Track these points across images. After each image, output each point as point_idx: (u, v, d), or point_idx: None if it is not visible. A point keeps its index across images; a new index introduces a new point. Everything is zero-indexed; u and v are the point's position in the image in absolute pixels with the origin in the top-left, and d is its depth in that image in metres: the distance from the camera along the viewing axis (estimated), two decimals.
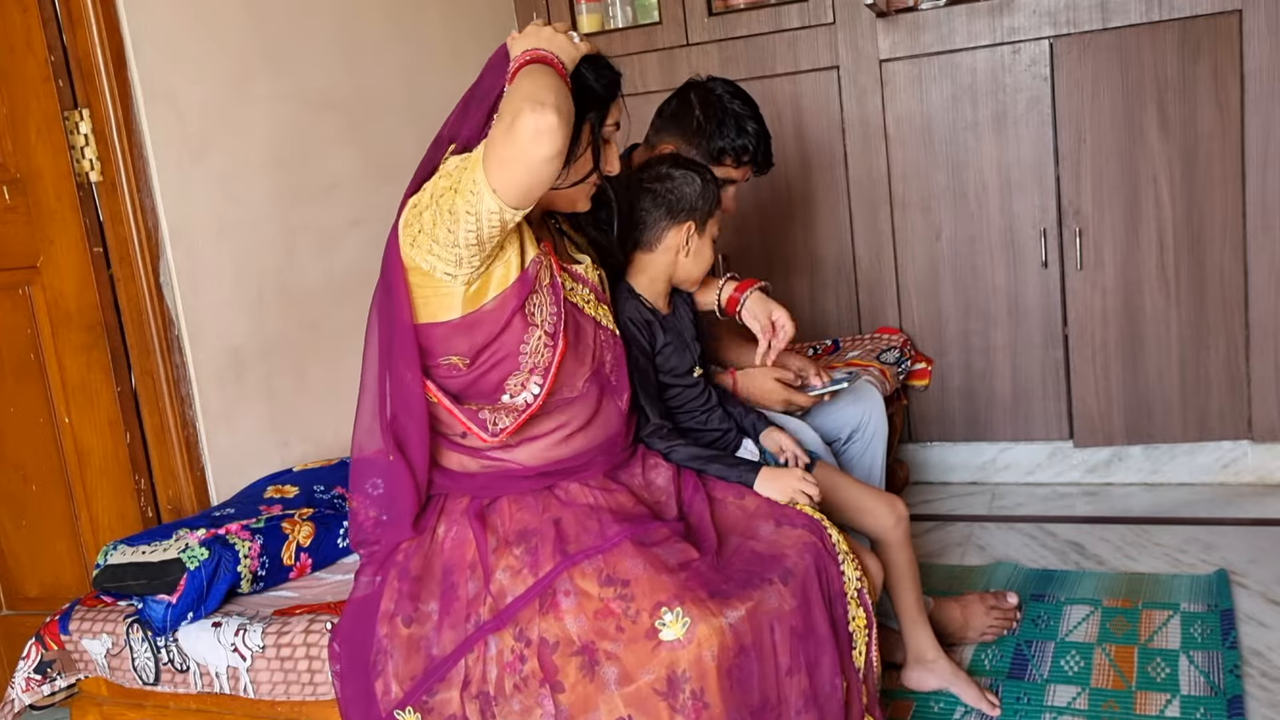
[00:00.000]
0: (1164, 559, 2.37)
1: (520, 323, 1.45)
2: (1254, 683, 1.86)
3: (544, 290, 1.47)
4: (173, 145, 2.04)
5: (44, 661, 1.75)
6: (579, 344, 1.53)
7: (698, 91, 2.06)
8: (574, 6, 3.07)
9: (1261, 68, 2.49)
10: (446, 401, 1.48)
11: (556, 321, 1.47)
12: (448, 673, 1.42)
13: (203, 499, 2.09)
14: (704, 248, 1.80)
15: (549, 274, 1.49)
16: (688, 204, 1.76)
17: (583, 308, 1.57)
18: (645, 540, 1.44)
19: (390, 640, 1.46)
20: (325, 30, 2.41)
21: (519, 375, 1.47)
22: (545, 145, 1.28)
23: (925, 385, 2.83)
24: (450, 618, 1.45)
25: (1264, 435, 2.64)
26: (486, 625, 1.42)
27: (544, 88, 1.30)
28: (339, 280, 2.38)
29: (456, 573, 1.48)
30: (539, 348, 1.46)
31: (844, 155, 2.87)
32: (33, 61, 1.99)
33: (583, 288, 1.59)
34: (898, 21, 2.75)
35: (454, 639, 1.44)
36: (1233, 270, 2.59)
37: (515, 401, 1.48)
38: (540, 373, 1.47)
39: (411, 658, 1.45)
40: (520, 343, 1.46)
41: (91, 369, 2.08)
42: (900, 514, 1.83)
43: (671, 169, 1.77)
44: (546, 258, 1.50)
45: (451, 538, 1.51)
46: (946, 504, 2.83)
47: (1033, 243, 2.74)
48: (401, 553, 1.52)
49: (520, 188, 1.32)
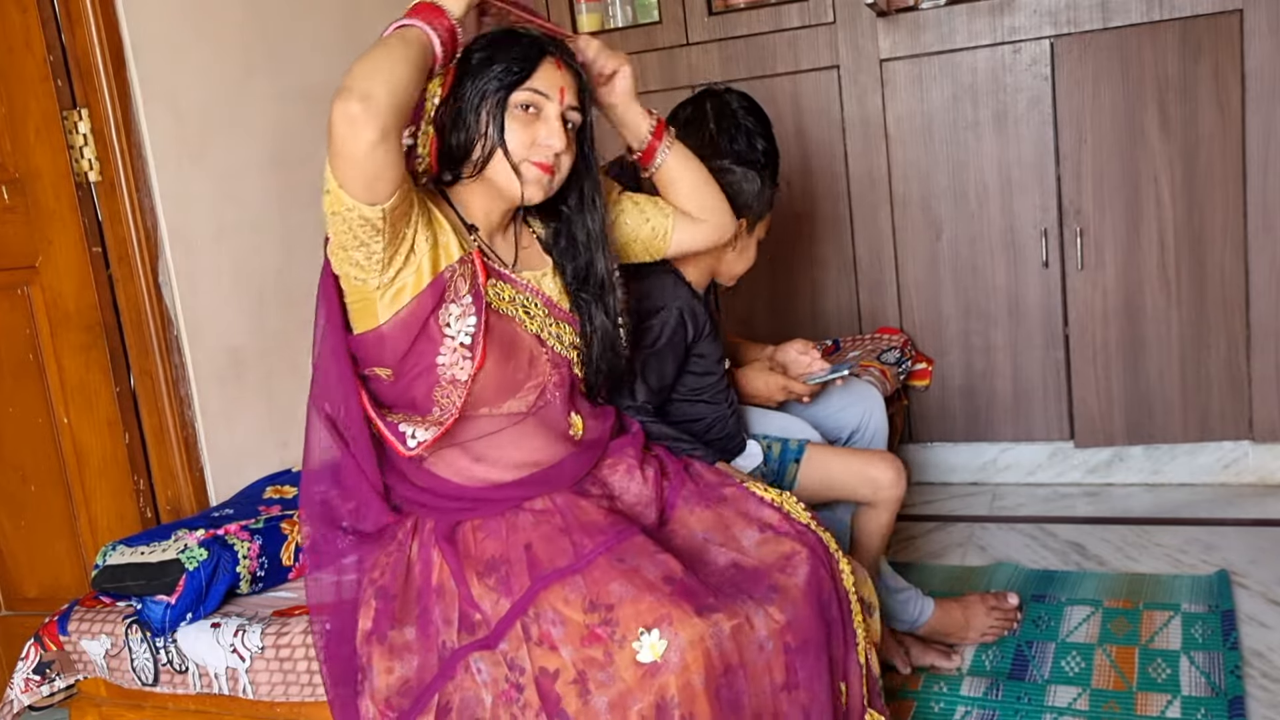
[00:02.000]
0: (1165, 559, 2.36)
1: (435, 332, 1.40)
2: (1255, 683, 1.86)
3: (462, 300, 1.40)
4: (172, 145, 2.03)
5: (43, 662, 1.74)
6: (508, 360, 1.45)
7: (713, 102, 2.05)
8: (574, 6, 3.06)
9: (1262, 67, 2.48)
10: (370, 408, 1.44)
11: (475, 333, 1.40)
12: (428, 701, 1.39)
13: (202, 499, 2.09)
14: (750, 246, 1.89)
15: (467, 283, 1.42)
16: (744, 201, 1.82)
17: (520, 321, 1.48)
18: (623, 555, 1.39)
19: (369, 659, 1.43)
20: (325, 30, 2.40)
21: (441, 387, 1.42)
22: (362, 133, 1.23)
23: (926, 385, 2.83)
24: (426, 641, 1.42)
25: (1265, 435, 2.64)
26: (460, 651, 1.38)
27: (367, 68, 1.26)
28: None
29: (427, 596, 1.44)
30: (457, 360, 1.41)
31: (844, 155, 2.86)
32: (32, 61, 1.99)
33: (531, 299, 1.50)
34: (898, 21, 2.75)
35: (429, 664, 1.40)
36: (1234, 270, 2.59)
37: (443, 415, 1.43)
38: (460, 386, 1.41)
39: (387, 679, 1.41)
40: (436, 353, 1.40)
41: (90, 369, 2.08)
42: (899, 475, 1.87)
43: (734, 164, 1.79)
44: (466, 266, 1.41)
45: (422, 560, 1.46)
46: (947, 504, 2.82)
47: (1033, 243, 2.74)
48: (378, 569, 1.47)
49: (358, 181, 1.26)
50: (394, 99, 1.26)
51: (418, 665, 1.41)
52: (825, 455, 1.91)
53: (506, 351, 1.45)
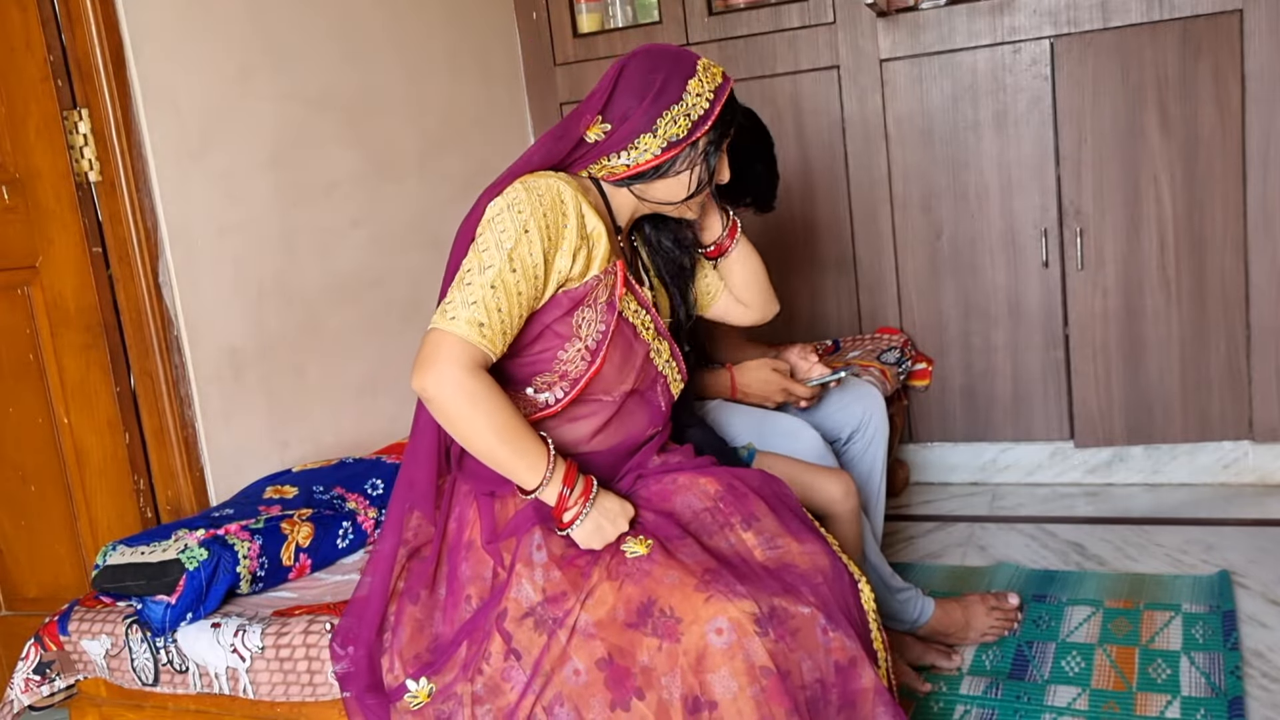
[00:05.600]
0: (1165, 560, 2.36)
1: (565, 330, 1.46)
2: (1255, 684, 1.86)
3: (598, 306, 1.48)
4: (172, 145, 2.03)
5: (43, 662, 1.74)
6: (625, 364, 1.52)
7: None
8: (574, 6, 3.06)
9: (1262, 67, 2.49)
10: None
11: (601, 339, 1.48)
12: (453, 653, 1.42)
13: (202, 499, 2.09)
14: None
15: (608, 292, 1.49)
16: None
17: (640, 331, 1.55)
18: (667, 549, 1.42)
19: (398, 618, 1.47)
20: (325, 30, 2.40)
21: (547, 376, 1.49)
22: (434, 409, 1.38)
23: (926, 385, 2.83)
24: (453, 597, 1.46)
25: (1265, 435, 2.64)
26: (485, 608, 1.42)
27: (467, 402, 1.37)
28: (339, 280, 2.38)
29: (456, 553, 1.48)
30: (575, 358, 1.48)
31: (844, 155, 2.86)
32: (32, 61, 1.99)
33: (644, 313, 1.56)
34: (898, 21, 2.75)
35: (454, 619, 1.44)
36: (1233, 270, 2.59)
37: (537, 398, 1.49)
38: (569, 381, 1.48)
39: (416, 638, 1.45)
40: (559, 349, 1.47)
41: (90, 369, 2.08)
42: (849, 488, 1.84)
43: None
44: (610, 276, 1.49)
45: (455, 517, 1.51)
46: (947, 504, 2.82)
47: (1033, 243, 2.74)
48: (411, 530, 1.52)
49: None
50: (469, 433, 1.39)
51: (444, 624, 1.45)
52: (775, 463, 1.87)
53: (625, 355, 1.52)
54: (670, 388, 1.60)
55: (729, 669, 1.28)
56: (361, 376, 2.44)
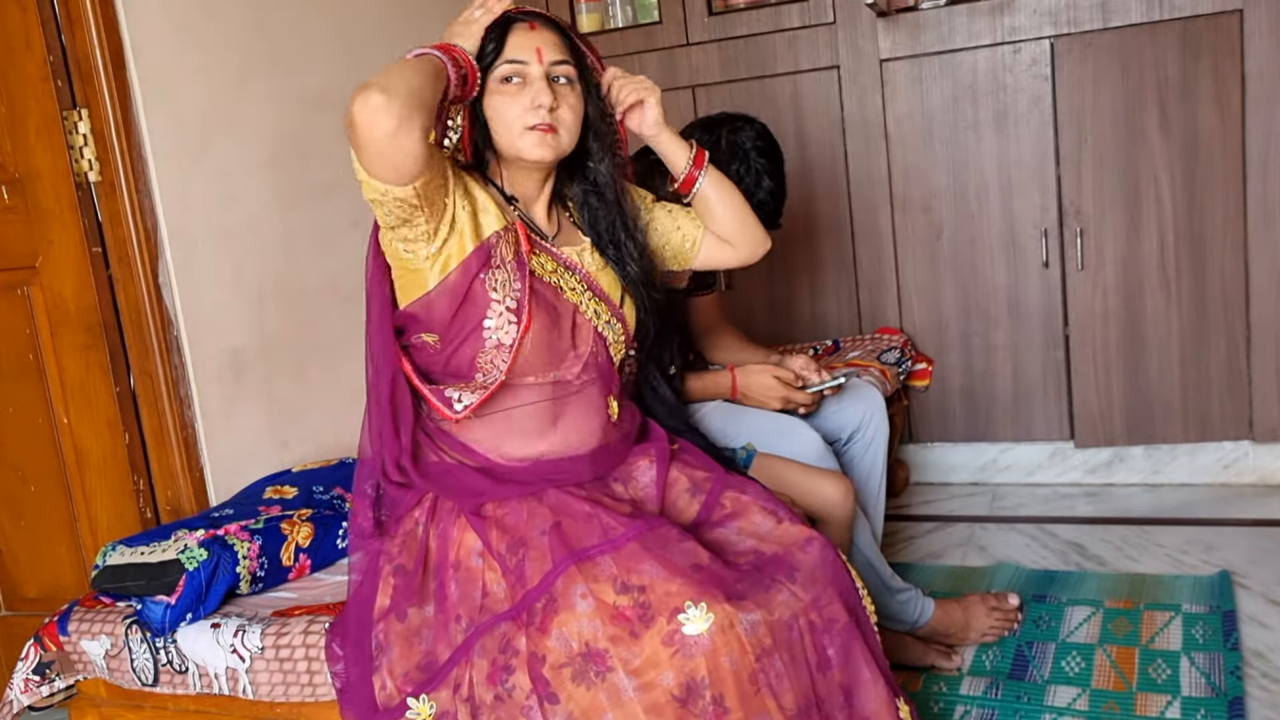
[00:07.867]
0: (1165, 560, 2.36)
1: (481, 295, 1.46)
2: (1255, 684, 1.85)
3: (507, 266, 1.48)
4: (172, 145, 2.03)
5: (43, 663, 1.74)
6: (554, 326, 1.51)
7: (728, 134, 2.05)
8: (574, 6, 3.06)
9: (1262, 67, 2.49)
10: (417, 379, 1.52)
11: (521, 298, 1.47)
12: (446, 676, 1.41)
13: (201, 500, 2.09)
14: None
15: (512, 250, 1.49)
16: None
17: (563, 291, 1.54)
18: (649, 544, 1.40)
19: (386, 636, 1.46)
20: (325, 30, 2.40)
21: (486, 353, 1.48)
22: (382, 121, 1.30)
23: (926, 386, 2.82)
24: (443, 618, 1.45)
25: (1265, 435, 2.64)
26: (481, 628, 1.40)
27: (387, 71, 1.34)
28: (338, 281, 2.37)
29: (444, 573, 1.47)
30: (501, 324, 1.47)
31: (844, 155, 2.86)
32: (32, 61, 1.99)
33: (568, 273, 1.56)
34: (898, 21, 2.75)
35: (444, 638, 1.43)
36: (1234, 270, 2.59)
37: (486, 380, 1.49)
38: (506, 350, 1.48)
39: (406, 655, 1.45)
40: (483, 317, 1.47)
41: (90, 369, 2.08)
42: (848, 492, 1.84)
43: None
44: (510, 234, 1.49)
45: (440, 538, 1.49)
46: (947, 505, 2.82)
47: (1033, 243, 2.74)
48: (396, 546, 1.51)
49: (384, 166, 1.34)
50: (410, 91, 1.33)
51: (435, 641, 1.44)
52: (775, 465, 1.87)
53: (551, 318, 1.52)
54: (610, 350, 1.59)
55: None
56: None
